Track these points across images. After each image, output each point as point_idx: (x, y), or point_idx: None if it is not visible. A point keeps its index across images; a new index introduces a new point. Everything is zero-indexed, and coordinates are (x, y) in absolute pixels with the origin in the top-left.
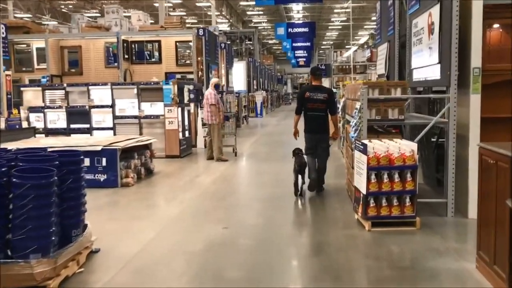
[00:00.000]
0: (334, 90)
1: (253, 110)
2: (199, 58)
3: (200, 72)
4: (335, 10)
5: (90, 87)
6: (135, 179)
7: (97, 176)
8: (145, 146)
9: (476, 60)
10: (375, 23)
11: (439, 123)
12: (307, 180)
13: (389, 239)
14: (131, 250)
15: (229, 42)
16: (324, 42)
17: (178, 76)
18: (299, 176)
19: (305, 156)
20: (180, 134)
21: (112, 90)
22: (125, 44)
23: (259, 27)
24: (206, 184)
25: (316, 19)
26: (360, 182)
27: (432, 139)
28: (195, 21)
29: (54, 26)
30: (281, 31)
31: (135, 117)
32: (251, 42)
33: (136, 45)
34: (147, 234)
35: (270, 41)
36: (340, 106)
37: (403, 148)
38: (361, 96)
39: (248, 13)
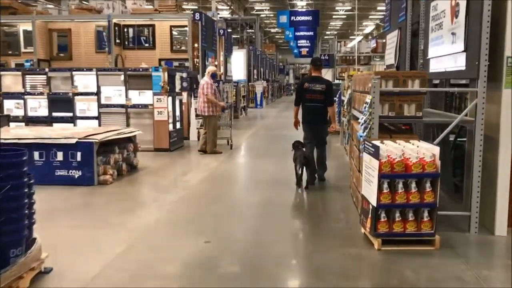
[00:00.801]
0: (338, 81)
1: (252, 100)
2: (195, 45)
3: (196, 60)
4: None
5: (74, 72)
6: (115, 176)
7: (71, 173)
8: (128, 139)
9: (510, 48)
10: (380, 13)
11: (463, 122)
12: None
13: (402, 262)
14: (90, 271)
15: (229, 30)
16: (327, 32)
17: (176, 63)
18: (303, 168)
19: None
20: (170, 126)
21: (97, 76)
22: (116, 28)
23: (261, 15)
24: (193, 184)
25: (320, 7)
26: (370, 192)
27: (450, 138)
28: (195, 7)
29: (43, 8)
30: (283, 19)
31: (122, 106)
32: (252, 31)
33: (128, 29)
34: (114, 248)
35: (272, 30)
36: (345, 99)
37: (422, 152)
38: (372, 88)
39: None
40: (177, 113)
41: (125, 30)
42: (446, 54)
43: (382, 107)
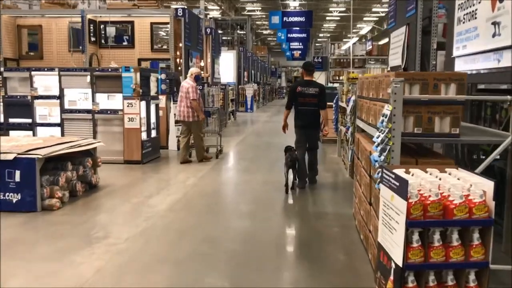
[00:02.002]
0: (331, 84)
1: (243, 104)
2: (180, 44)
3: (178, 60)
4: (334, 0)
5: (33, 72)
6: (66, 199)
7: (8, 196)
8: (86, 152)
9: None
10: (375, 15)
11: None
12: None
13: None
14: None
15: (220, 32)
16: (320, 35)
17: (163, 64)
18: (290, 171)
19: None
20: (144, 134)
21: (60, 77)
22: (91, 25)
23: (253, 16)
24: (160, 211)
25: (313, 8)
26: (391, 243)
27: (477, 156)
28: (185, 7)
29: (12, 2)
30: (275, 19)
31: (88, 111)
32: (243, 32)
33: (105, 26)
34: None
35: (264, 32)
36: (348, 106)
37: (467, 187)
38: (393, 95)
39: None
40: (153, 119)
41: (102, 27)
42: (482, 50)
43: (405, 120)
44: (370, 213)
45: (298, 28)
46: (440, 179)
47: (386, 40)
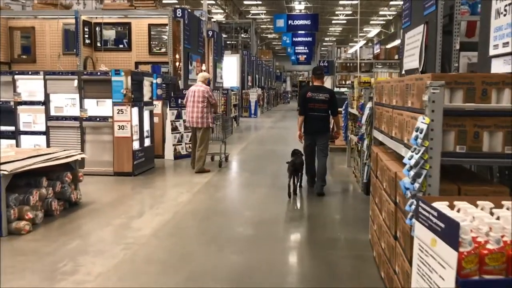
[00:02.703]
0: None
1: (246, 109)
2: (179, 47)
3: (178, 63)
4: (340, 2)
5: (16, 76)
6: (40, 219)
7: None
8: (65, 165)
9: None
10: (383, 18)
11: None
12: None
13: None
14: None
15: (224, 36)
16: (326, 39)
17: (165, 69)
18: (294, 176)
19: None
20: (135, 144)
21: (45, 81)
22: (86, 27)
23: (257, 20)
24: (144, 237)
25: (319, 11)
26: None
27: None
28: (184, 7)
29: (4, 3)
30: (280, 23)
31: (75, 118)
32: (248, 35)
33: (101, 28)
34: None
35: (269, 36)
36: (363, 114)
37: None
38: (430, 104)
39: (245, 2)
40: (146, 127)
41: (97, 29)
42: None
43: (444, 136)
44: (396, 250)
45: (303, 32)
46: (498, 217)
47: (394, 43)
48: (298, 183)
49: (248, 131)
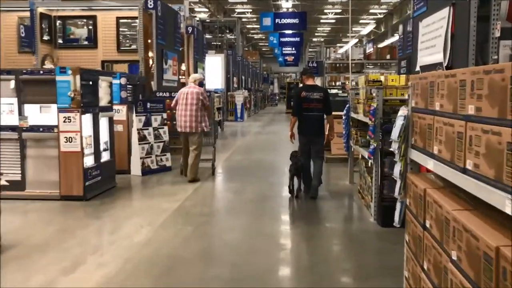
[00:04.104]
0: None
1: (232, 113)
2: (149, 41)
3: (151, 61)
4: (330, 0)
5: None
6: None
7: None
8: None
9: None
10: (373, 16)
11: None
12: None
13: None
14: None
15: (206, 33)
16: (314, 39)
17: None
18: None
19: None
20: (88, 160)
21: None
22: (45, 21)
23: (243, 19)
24: None
25: (307, 10)
26: None
27: None
28: None
29: None
30: (267, 21)
31: (13, 129)
32: (233, 36)
33: (64, 22)
34: None
35: (255, 36)
36: (395, 126)
37: None
38: None
39: (230, 0)
40: (104, 137)
41: (58, 23)
42: None
43: None
44: None
45: (291, 32)
46: None
47: (384, 43)
48: (298, 186)
49: (233, 137)
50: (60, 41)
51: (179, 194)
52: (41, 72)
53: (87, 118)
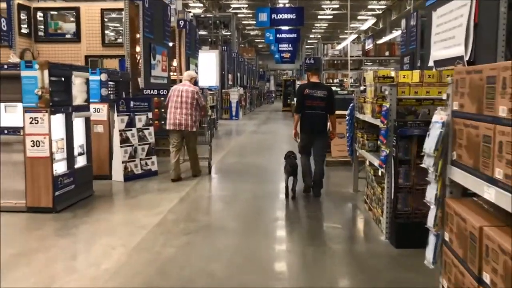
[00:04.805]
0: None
1: (227, 111)
2: (137, 35)
3: (137, 57)
4: None
5: None
6: None
7: None
8: None
9: None
10: (371, 12)
11: None
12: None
13: None
14: None
15: (200, 29)
16: (311, 36)
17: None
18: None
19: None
20: (59, 166)
21: None
22: (24, 12)
23: (239, 15)
24: None
25: (304, 5)
26: None
27: None
28: None
29: None
30: (263, 17)
31: None
32: (229, 32)
33: (42, 14)
34: None
35: (251, 33)
36: (429, 135)
37: None
38: None
39: None
40: (80, 140)
41: (38, 15)
42: None
43: None
44: None
45: (287, 28)
46: None
47: (383, 39)
48: (293, 187)
49: (227, 137)
50: (40, 33)
51: (162, 204)
52: (5, 66)
53: (58, 119)
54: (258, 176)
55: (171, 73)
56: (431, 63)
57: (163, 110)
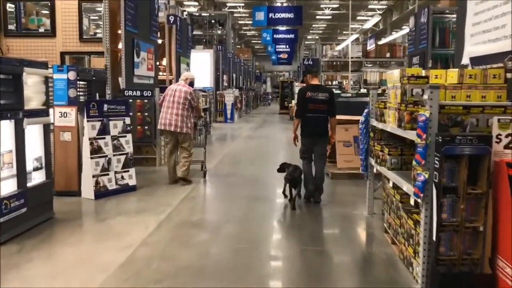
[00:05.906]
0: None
1: (221, 113)
2: (118, 31)
3: (118, 54)
4: None
5: None
6: None
7: None
8: None
9: None
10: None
11: None
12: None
13: None
14: None
15: (194, 28)
16: (309, 37)
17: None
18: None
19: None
20: (7, 185)
21: None
22: None
23: (235, 14)
24: None
25: (302, 5)
26: None
27: None
28: None
29: None
30: (260, 16)
31: None
32: (224, 32)
33: (17, 6)
34: None
35: (248, 33)
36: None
37: None
38: None
39: None
40: (37, 152)
41: (8, 7)
42: None
43: None
44: None
45: (285, 28)
46: None
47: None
48: (295, 196)
49: (221, 142)
50: (11, 27)
51: (135, 231)
52: None
53: (5, 127)
54: (254, 192)
55: (160, 73)
56: (465, 61)
57: (146, 114)
